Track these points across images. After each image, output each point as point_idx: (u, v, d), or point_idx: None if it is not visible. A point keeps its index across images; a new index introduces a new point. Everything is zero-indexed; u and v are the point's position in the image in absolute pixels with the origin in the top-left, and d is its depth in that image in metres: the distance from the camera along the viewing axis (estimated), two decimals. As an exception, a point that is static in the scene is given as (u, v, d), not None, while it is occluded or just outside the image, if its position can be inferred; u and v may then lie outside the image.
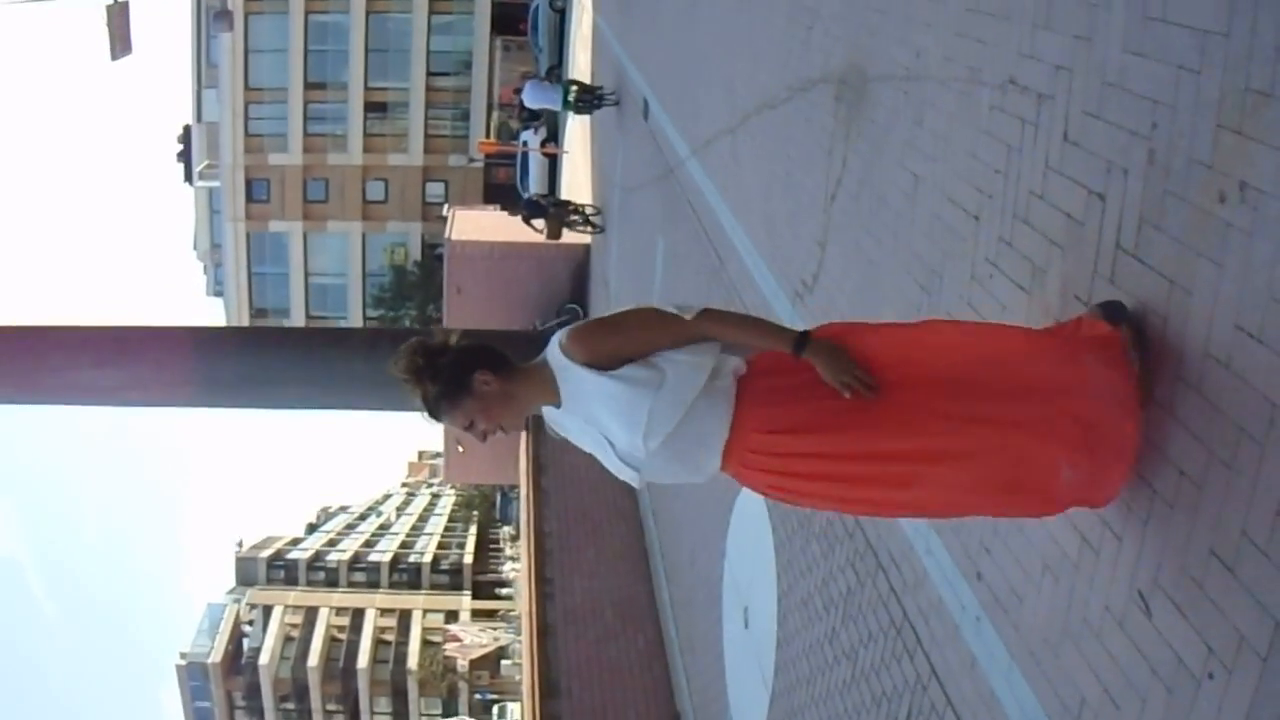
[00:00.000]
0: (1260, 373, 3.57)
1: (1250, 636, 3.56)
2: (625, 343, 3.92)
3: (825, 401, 3.83)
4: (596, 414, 3.99)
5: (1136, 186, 4.31)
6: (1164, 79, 4.19)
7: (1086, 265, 4.63)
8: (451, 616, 73.92)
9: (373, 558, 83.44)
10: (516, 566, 45.49)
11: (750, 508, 11.20)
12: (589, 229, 29.40)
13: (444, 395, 3.96)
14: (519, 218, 30.46)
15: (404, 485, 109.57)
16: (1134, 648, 4.17)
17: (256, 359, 3.60)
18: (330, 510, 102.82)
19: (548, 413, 4.15)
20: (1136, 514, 4.17)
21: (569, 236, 31.67)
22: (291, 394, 3.65)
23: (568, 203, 30.62)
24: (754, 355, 4.02)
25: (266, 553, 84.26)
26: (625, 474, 4.06)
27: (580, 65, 37.12)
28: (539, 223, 29.24)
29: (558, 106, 30.74)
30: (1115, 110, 4.54)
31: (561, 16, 45.67)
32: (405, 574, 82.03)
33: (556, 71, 44.69)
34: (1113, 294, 4.41)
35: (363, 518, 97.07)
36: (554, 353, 3.99)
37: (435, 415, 4.02)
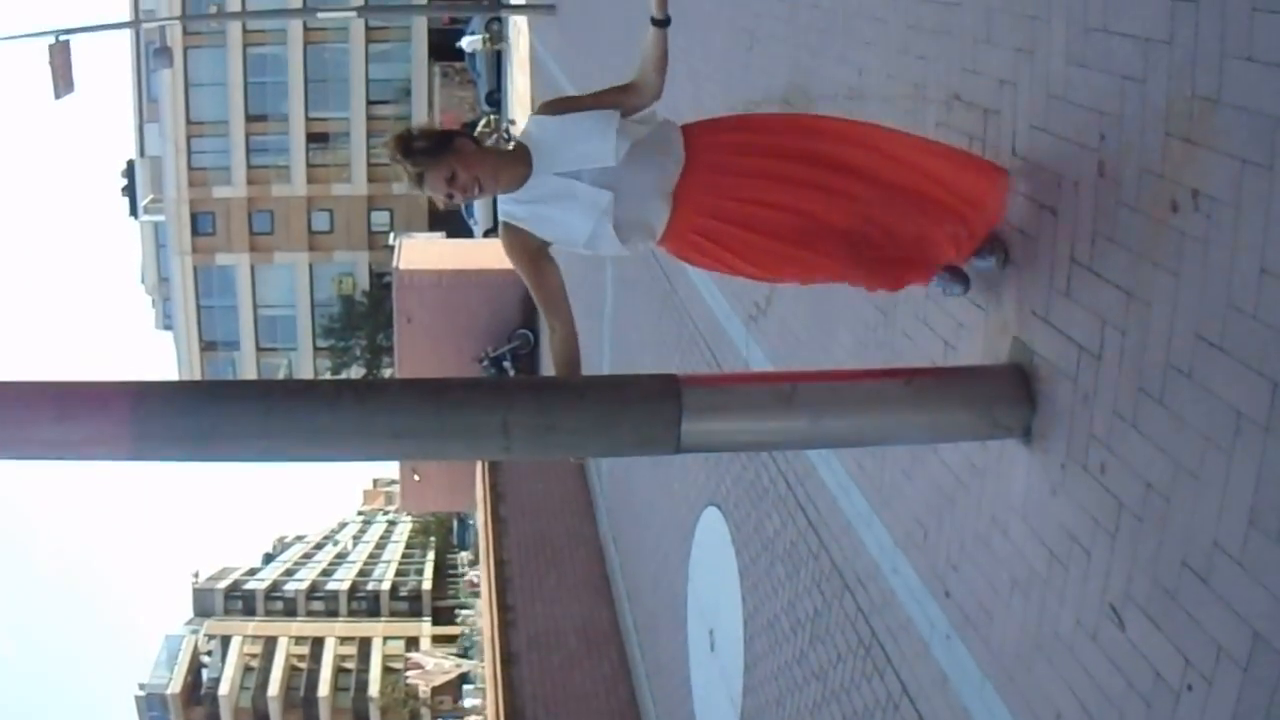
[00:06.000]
0: (1223, 381, 3.56)
1: (1228, 646, 3.54)
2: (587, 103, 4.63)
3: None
4: (571, 146, 4.53)
5: (1088, 198, 4.30)
6: (1109, 89, 4.18)
7: (1042, 280, 4.62)
8: (412, 643, 73.66)
9: (331, 586, 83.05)
10: (476, 581, 45.24)
11: (713, 531, 11.16)
12: None
13: (428, 150, 4.38)
14: None
15: (360, 513, 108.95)
16: (1109, 661, 4.15)
17: (216, 413, 3.53)
18: (286, 540, 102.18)
19: (513, 209, 4.59)
20: (1104, 527, 4.16)
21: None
22: (255, 448, 3.60)
23: None
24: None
25: (223, 583, 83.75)
26: (598, 205, 4.52)
27: (519, 88, 37.08)
28: None
29: None
30: (1062, 123, 4.53)
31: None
32: (364, 601, 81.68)
33: (495, 96, 44.72)
34: (1069, 310, 4.40)
35: (319, 546, 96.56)
36: (529, 124, 4.62)
37: (419, 171, 4.41)
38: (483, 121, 42.77)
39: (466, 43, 45.39)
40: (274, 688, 73.89)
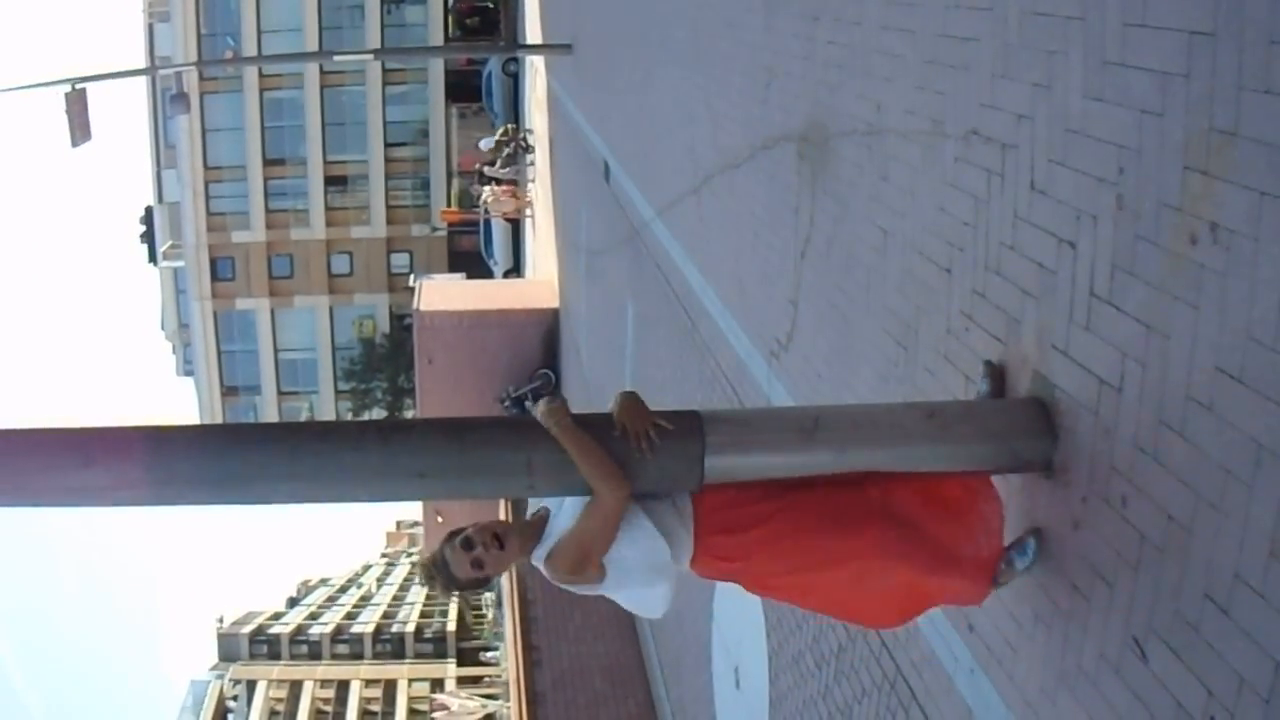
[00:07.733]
0: (1243, 414, 3.57)
1: (1250, 678, 3.54)
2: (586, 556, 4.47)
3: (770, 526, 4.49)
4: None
5: (1107, 232, 4.31)
6: (1127, 123, 4.20)
7: (1062, 314, 4.63)
8: (437, 685, 73.36)
9: (355, 629, 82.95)
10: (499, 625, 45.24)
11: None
12: None
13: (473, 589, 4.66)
14: None
15: (384, 556, 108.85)
16: (1131, 694, 4.14)
17: (242, 456, 3.56)
18: (310, 583, 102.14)
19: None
20: (1126, 560, 4.16)
21: (538, 299, 31.54)
22: (281, 489, 3.64)
23: None
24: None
25: (248, 628, 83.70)
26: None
27: (537, 128, 37.22)
28: None
29: None
30: (1080, 157, 4.55)
31: (515, 81, 45.88)
32: (389, 644, 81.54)
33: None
34: (1089, 344, 4.41)
35: (343, 590, 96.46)
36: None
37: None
38: (500, 131, 42.94)
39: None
40: (300, 732, 73.84)
